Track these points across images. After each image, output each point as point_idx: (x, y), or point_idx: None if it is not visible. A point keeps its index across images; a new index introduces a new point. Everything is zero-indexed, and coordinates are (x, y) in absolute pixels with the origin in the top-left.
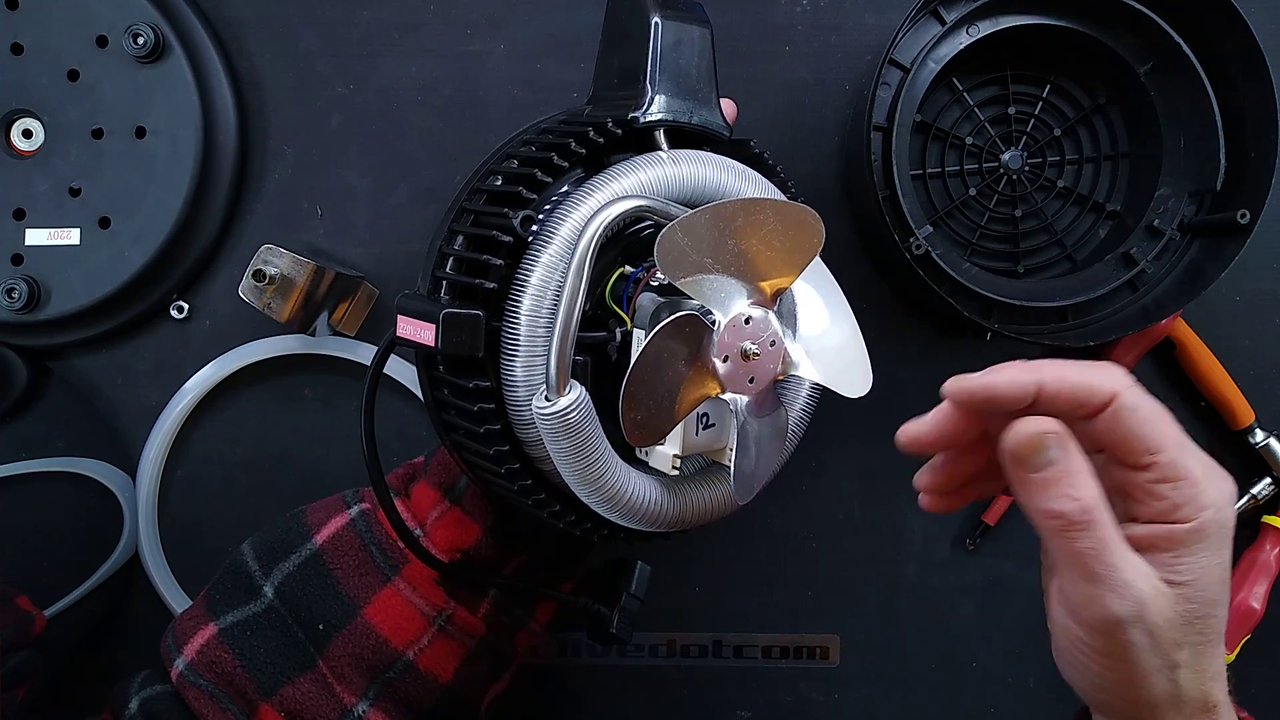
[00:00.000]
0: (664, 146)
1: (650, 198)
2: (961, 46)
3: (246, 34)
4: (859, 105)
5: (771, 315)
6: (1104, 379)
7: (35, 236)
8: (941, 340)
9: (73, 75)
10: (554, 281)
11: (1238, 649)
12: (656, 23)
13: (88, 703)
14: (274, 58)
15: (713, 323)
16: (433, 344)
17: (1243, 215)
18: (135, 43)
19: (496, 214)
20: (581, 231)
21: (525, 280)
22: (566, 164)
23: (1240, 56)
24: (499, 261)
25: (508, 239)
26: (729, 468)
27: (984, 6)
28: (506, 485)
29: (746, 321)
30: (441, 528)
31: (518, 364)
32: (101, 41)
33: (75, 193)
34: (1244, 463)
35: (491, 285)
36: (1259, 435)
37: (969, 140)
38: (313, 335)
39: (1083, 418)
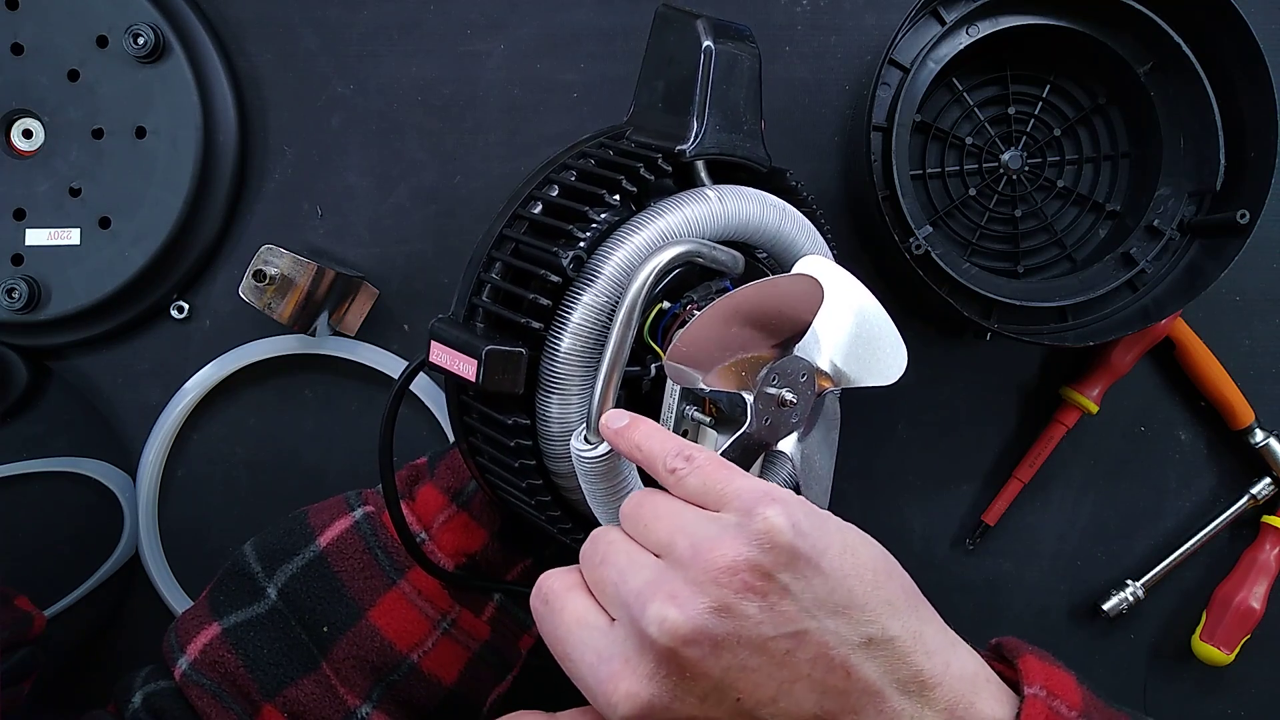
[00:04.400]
0: (705, 179)
1: (697, 241)
2: (961, 46)
3: (246, 34)
4: (859, 105)
5: (796, 356)
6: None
7: (35, 236)
8: (941, 340)
9: (73, 75)
10: (596, 322)
11: (1237, 649)
12: (709, 49)
13: (90, 699)
14: (274, 58)
15: (735, 401)
16: (473, 379)
17: (1242, 215)
18: (135, 43)
19: (542, 248)
20: (632, 279)
21: (566, 319)
22: (617, 199)
23: (1240, 57)
24: (548, 302)
25: (557, 279)
26: None
27: (984, 6)
28: (535, 515)
29: (773, 378)
30: (448, 532)
31: (553, 401)
32: (101, 41)
33: (75, 193)
34: (1244, 463)
35: (538, 325)
36: (1259, 435)
37: (969, 140)
38: (313, 335)
39: None
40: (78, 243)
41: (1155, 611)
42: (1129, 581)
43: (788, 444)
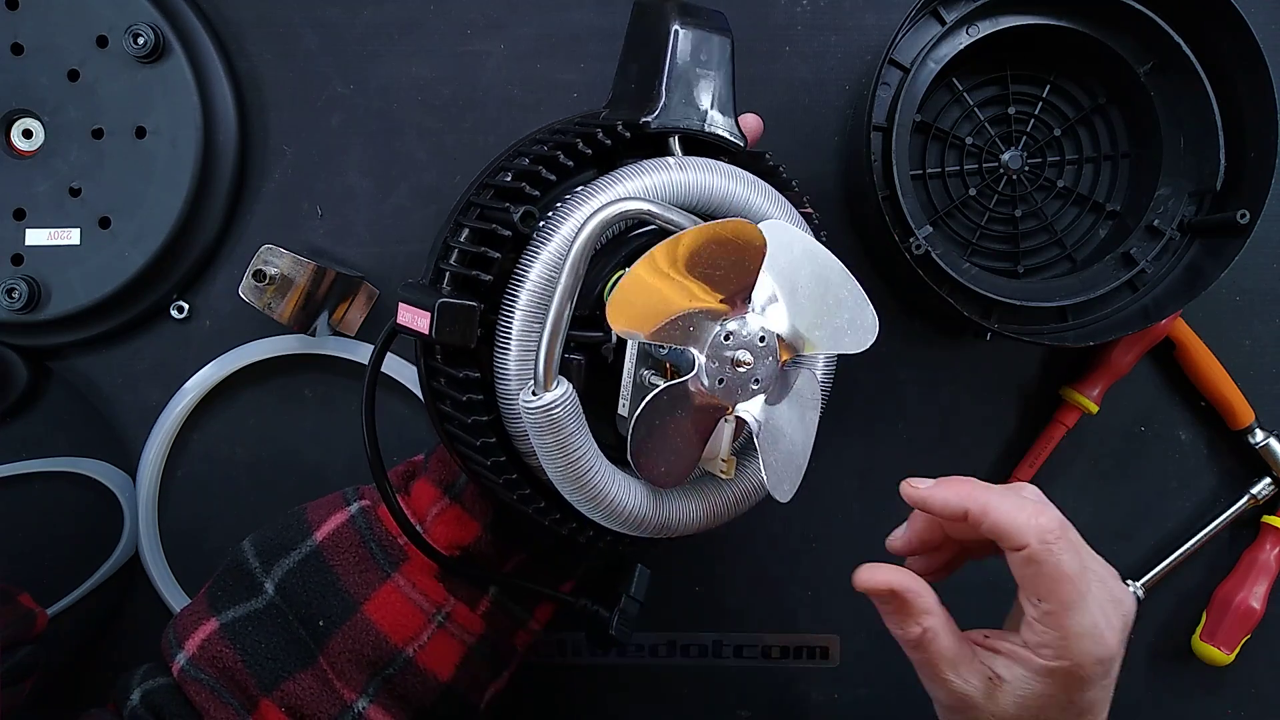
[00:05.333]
0: (677, 153)
1: (651, 200)
2: (961, 46)
3: (246, 34)
4: (859, 105)
5: (750, 316)
6: (1024, 526)
7: (35, 236)
8: (941, 340)
9: (73, 75)
10: (553, 279)
11: (1238, 649)
12: (675, 30)
13: (90, 699)
14: (274, 58)
15: (691, 364)
16: (427, 332)
17: (1242, 215)
18: (135, 43)
19: (500, 209)
20: (579, 230)
21: (524, 275)
22: (571, 163)
23: (1240, 56)
24: (496, 255)
25: (507, 233)
26: (720, 478)
27: (984, 6)
28: (493, 478)
29: (726, 338)
30: (441, 524)
31: (511, 358)
32: (101, 41)
33: (75, 193)
34: (1244, 463)
35: (488, 278)
36: (1259, 435)
37: (969, 140)
38: (313, 335)
39: (1004, 549)
40: (78, 243)
41: (1155, 611)
42: (1129, 581)
43: (750, 409)
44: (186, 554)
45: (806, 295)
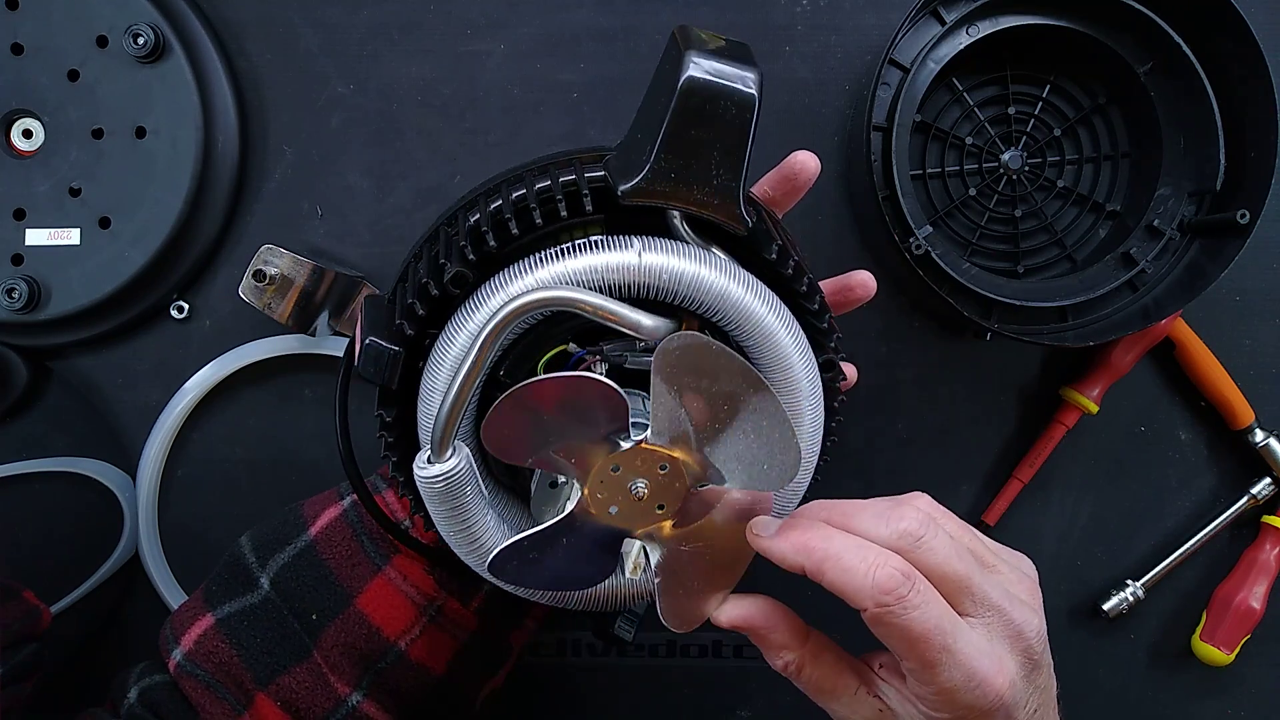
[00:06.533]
0: (684, 232)
1: (578, 291)
2: (961, 46)
3: (246, 34)
4: (859, 105)
5: (650, 449)
6: (859, 589)
7: (35, 236)
8: (941, 340)
9: (73, 75)
10: (466, 351)
11: (1237, 649)
12: (685, 79)
13: (90, 699)
14: (274, 58)
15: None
16: (356, 361)
17: (1242, 215)
18: (135, 43)
19: (441, 263)
20: (489, 320)
21: (452, 338)
22: (517, 231)
23: (1240, 57)
24: (422, 311)
25: (435, 293)
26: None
27: (984, 6)
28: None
29: (615, 469)
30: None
31: (421, 414)
32: (101, 41)
33: (75, 193)
34: (1244, 463)
35: (411, 331)
36: (1259, 435)
37: (969, 140)
38: (313, 335)
39: None
40: (78, 243)
41: (1155, 611)
42: (1129, 581)
43: (654, 536)
44: (186, 553)
45: (725, 424)
